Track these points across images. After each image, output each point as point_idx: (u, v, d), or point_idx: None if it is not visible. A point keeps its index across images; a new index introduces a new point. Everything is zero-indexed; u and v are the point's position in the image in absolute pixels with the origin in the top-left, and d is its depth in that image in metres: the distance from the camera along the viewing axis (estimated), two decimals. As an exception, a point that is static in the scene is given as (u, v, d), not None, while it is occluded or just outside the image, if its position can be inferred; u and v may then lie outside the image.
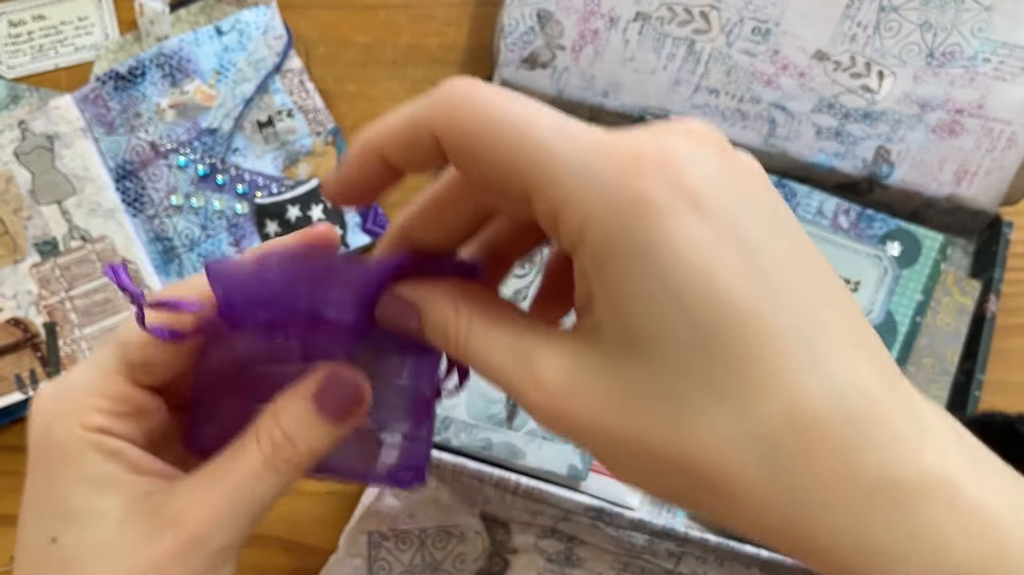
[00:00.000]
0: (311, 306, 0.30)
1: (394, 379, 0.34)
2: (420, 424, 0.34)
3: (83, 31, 0.67)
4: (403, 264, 0.30)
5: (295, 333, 0.32)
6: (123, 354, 0.32)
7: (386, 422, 0.34)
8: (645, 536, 0.54)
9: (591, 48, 0.61)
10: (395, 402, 0.34)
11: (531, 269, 0.39)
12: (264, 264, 0.30)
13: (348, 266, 0.31)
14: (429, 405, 0.34)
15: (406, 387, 0.34)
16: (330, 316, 0.30)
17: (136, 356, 0.31)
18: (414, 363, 0.33)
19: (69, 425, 0.32)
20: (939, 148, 0.59)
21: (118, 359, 0.32)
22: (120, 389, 0.32)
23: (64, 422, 0.32)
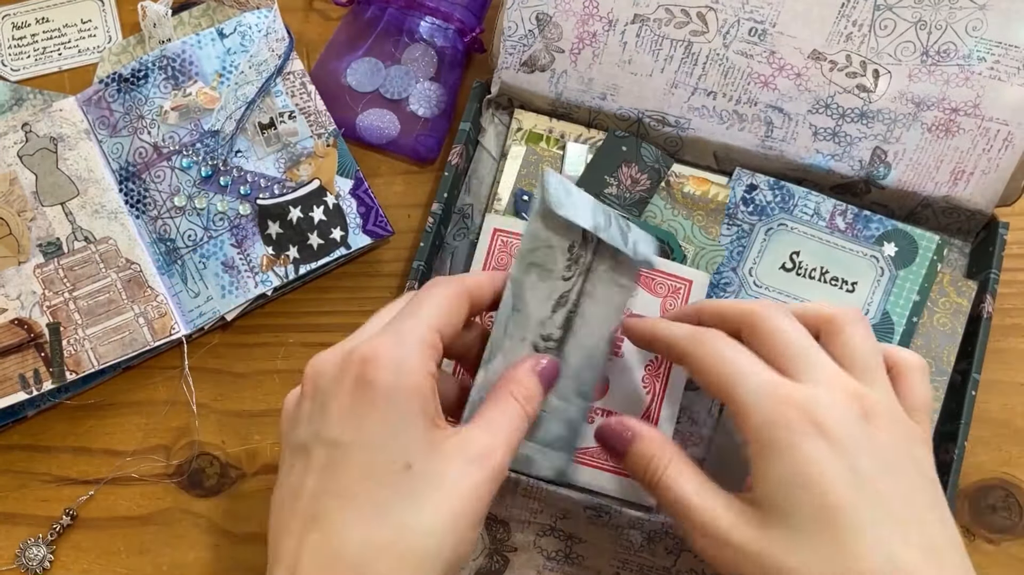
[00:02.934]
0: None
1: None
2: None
3: (86, 34, 0.68)
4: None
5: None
6: (436, 312, 0.42)
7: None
8: (643, 534, 0.54)
9: (589, 51, 0.61)
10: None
11: (576, 271, 0.46)
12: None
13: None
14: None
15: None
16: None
17: (444, 316, 0.42)
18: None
19: (419, 366, 0.40)
20: (935, 148, 0.60)
21: (435, 316, 0.42)
22: (438, 343, 0.41)
23: (415, 362, 0.40)
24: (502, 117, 0.65)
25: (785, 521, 0.39)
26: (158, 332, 0.60)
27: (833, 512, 0.39)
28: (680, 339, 0.46)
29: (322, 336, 0.62)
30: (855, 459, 0.39)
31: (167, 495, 0.60)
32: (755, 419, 0.41)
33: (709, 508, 0.42)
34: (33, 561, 0.58)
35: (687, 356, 0.45)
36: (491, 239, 0.60)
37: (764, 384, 0.41)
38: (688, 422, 0.59)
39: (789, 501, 0.39)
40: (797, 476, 0.39)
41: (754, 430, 0.41)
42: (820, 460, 0.39)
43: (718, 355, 0.43)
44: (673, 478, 0.43)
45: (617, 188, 0.62)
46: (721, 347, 0.44)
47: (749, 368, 0.42)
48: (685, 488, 0.43)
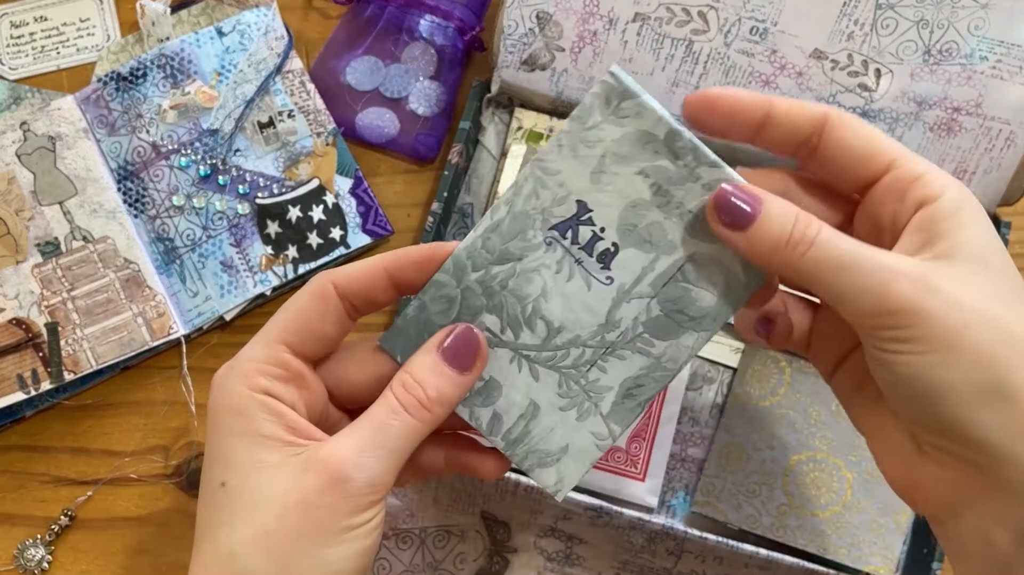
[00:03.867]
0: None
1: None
2: None
3: (85, 32, 0.68)
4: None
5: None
6: (283, 326, 0.39)
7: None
8: (644, 535, 0.54)
9: (590, 49, 0.61)
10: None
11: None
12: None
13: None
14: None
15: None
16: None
17: (292, 326, 0.39)
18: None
19: (238, 386, 0.38)
20: (937, 147, 0.60)
21: (279, 330, 0.39)
22: (280, 356, 0.39)
23: (234, 384, 0.38)
24: (502, 116, 0.65)
25: (998, 269, 0.36)
26: (156, 332, 0.60)
27: (993, 249, 0.37)
28: (820, 110, 0.39)
29: (321, 336, 0.62)
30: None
31: (165, 495, 0.59)
32: (946, 177, 0.37)
33: (898, 260, 0.36)
34: (31, 562, 0.58)
35: (828, 116, 0.38)
36: (491, 239, 0.60)
37: (936, 167, 0.38)
38: (688, 422, 0.59)
39: (995, 253, 0.37)
40: (990, 242, 0.37)
41: (950, 184, 0.37)
42: (984, 217, 0.38)
43: (863, 123, 0.39)
44: (827, 244, 0.36)
45: (618, 187, 0.62)
46: (863, 124, 0.39)
47: (907, 150, 0.39)
48: (849, 246, 0.36)
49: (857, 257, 0.35)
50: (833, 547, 0.56)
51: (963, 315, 0.34)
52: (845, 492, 0.57)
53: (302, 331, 0.39)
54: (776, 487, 0.57)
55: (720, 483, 0.57)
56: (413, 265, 0.40)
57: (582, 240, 0.40)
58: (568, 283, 0.40)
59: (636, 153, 0.39)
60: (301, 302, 0.40)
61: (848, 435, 0.57)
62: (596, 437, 0.41)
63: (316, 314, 0.39)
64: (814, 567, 0.54)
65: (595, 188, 0.39)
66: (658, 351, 0.40)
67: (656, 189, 0.39)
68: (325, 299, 0.40)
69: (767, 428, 0.57)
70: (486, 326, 0.41)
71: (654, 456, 0.57)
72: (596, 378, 0.41)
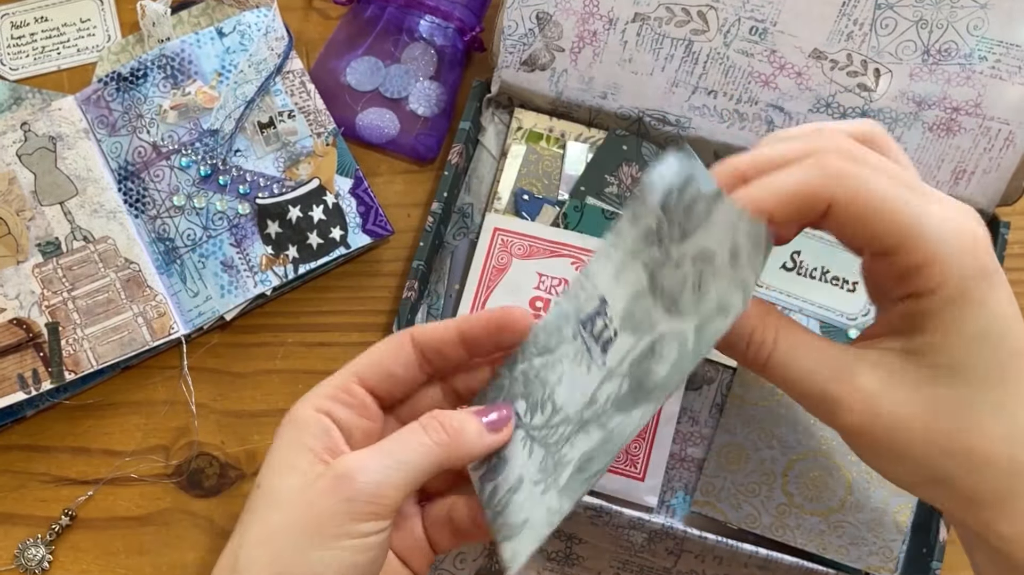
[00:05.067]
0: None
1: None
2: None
3: (85, 33, 0.68)
4: None
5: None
6: (359, 363, 0.43)
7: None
8: (644, 535, 0.54)
9: (590, 50, 0.61)
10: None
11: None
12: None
13: None
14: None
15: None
16: None
17: (365, 362, 0.43)
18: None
19: (305, 405, 0.42)
20: (936, 147, 0.60)
21: (355, 366, 0.43)
22: (348, 385, 0.42)
23: (303, 403, 0.42)
24: (502, 116, 0.65)
25: (967, 378, 0.35)
26: (157, 332, 0.60)
27: (1015, 360, 0.35)
28: (808, 183, 0.35)
29: (321, 336, 0.62)
30: (1013, 295, 0.36)
31: (166, 495, 0.59)
32: (951, 267, 0.35)
33: (848, 381, 0.36)
34: (32, 561, 0.58)
35: (836, 200, 0.35)
36: (491, 238, 0.60)
37: (947, 223, 0.35)
38: (688, 422, 0.59)
39: (976, 356, 0.35)
40: (991, 329, 0.35)
41: (950, 281, 0.35)
42: (1008, 306, 0.36)
43: (878, 189, 0.35)
44: (786, 353, 0.37)
45: (618, 187, 0.62)
46: (874, 178, 0.35)
47: (920, 203, 0.35)
48: (805, 364, 0.36)
49: (807, 385, 0.37)
50: (833, 547, 0.56)
51: (908, 435, 0.36)
52: (845, 492, 0.57)
53: (373, 366, 0.43)
54: (776, 487, 0.57)
55: (720, 483, 0.57)
56: (482, 328, 0.43)
57: (596, 331, 0.42)
58: (577, 369, 0.42)
59: (641, 248, 0.40)
60: (379, 346, 0.44)
61: (848, 435, 0.57)
62: (549, 512, 0.40)
63: (389, 355, 0.43)
64: (814, 567, 0.54)
65: (615, 284, 0.41)
66: (612, 424, 0.39)
67: (650, 276, 0.39)
68: (400, 345, 0.43)
69: (767, 428, 0.57)
70: (516, 410, 0.44)
71: (654, 456, 0.57)
72: (565, 453, 0.41)
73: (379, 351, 0.43)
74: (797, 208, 0.35)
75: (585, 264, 0.42)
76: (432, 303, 0.61)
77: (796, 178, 0.35)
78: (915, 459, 0.36)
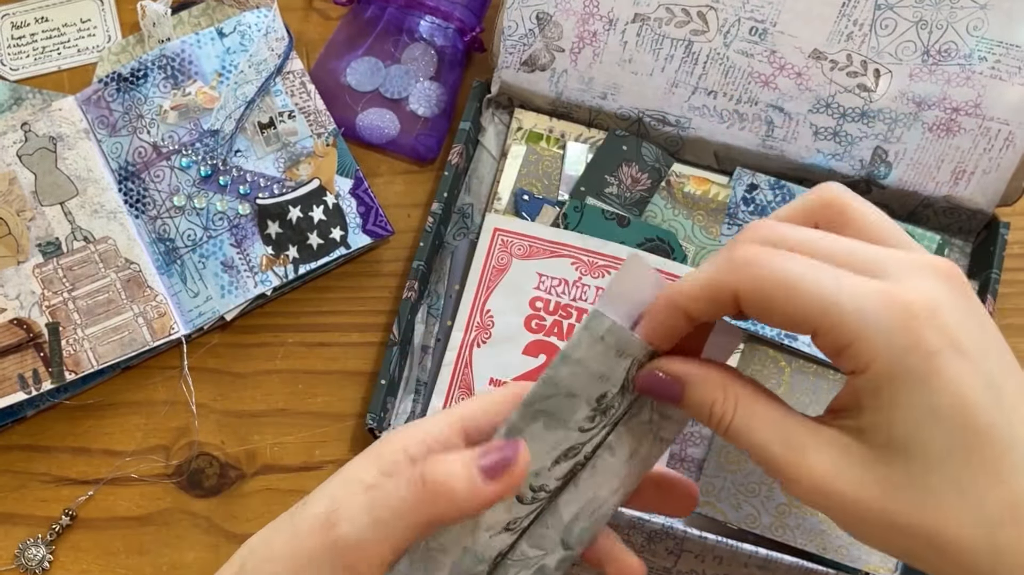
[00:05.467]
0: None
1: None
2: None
3: (86, 33, 0.68)
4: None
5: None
6: (469, 413, 0.39)
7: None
8: (644, 535, 0.54)
9: (590, 50, 0.61)
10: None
11: (600, 423, 0.38)
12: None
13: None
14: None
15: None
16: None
17: (479, 417, 0.38)
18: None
19: (395, 442, 0.37)
20: (936, 147, 0.60)
21: (463, 416, 0.38)
22: (446, 436, 0.38)
23: (396, 438, 0.38)
24: (502, 116, 0.65)
25: (919, 458, 0.33)
26: (157, 332, 0.60)
27: (979, 438, 0.33)
28: (714, 277, 0.35)
29: (322, 336, 0.62)
30: (985, 365, 0.33)
31: (166, 495, 0.59)
32: (878, 346, 0.32)
33: (799, 458, 0.34)
34: (32, 561, 0.58)
35: (740, 291, 0.34)
36: (491, 239, 0.60)
37: (871, 296, 0.33)
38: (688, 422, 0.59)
39: (927, 435, 0.33)
40: (941, 407, 0.32)
41: (879, 360, 0.33)
42: (963, 382, 0.32)
43: (782, 273, 0.34)
44: (745, 425, 0.36)
45: (617, 188, 0.62)
46: (779, 261, 0.34)
47: (835, 279, 0.33)
48: (762, 436, 0.35)
49: (761, 456, 0.36)
50: (832, 546, 0.56)
51: (865, 514, 0.34)
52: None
53: (480, 421, 0.38)
54: (775, 486, 0.57)
55: (720, 482, 0.57)
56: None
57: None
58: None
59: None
60: (492, 397, 0.39)
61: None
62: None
63: (500, 412, 0.39)
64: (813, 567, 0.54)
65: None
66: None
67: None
68: (515, 402, 0.38)
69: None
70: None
71: (654, 456, 0.57)
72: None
73: (492, 403, 0.39)
74: (707, 302, 0.35)
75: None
76: (432, 303, 0.61)
77: (705, 273, 0.35)
78: (877, 536, 0.35)
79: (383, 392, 0.57)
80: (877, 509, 0.34)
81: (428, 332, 0.61)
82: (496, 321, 0.59)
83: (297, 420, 0.61)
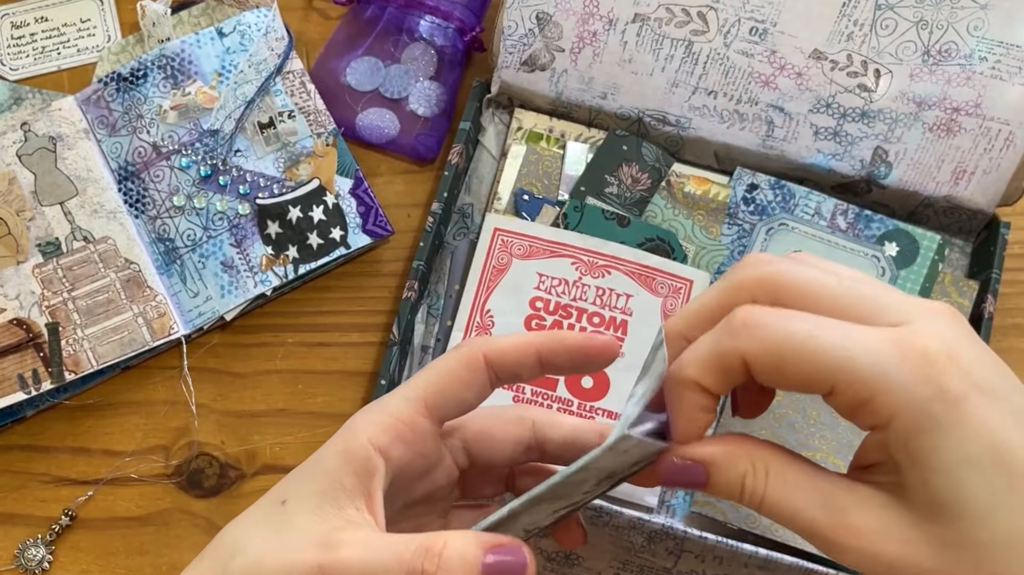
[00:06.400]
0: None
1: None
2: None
3: (85, 33, 0.68)
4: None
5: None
6: (426, 386, 0.38)
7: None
8: (644, 535, 0.54)
9: (590, 50, 0.61)
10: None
11: (598, 490, 0.38)
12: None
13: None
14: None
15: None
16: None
17: (435, 388, 0.38)
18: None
19: (360, 433, 0.37)
20: (936, 147, 0.60)
21: (422, 389, 0.38)
22: (414, 418, 0.38)
23: (361, 427, 0.37)
24: (502, 116, 0.65)
25: (966, 513, 0.32)
26: (157, 332, 0.60)
27: (1021, 480, 0.31)
28: (718, 345, 0.34)
29: (321, 336, 0.62)
30: (1010, 402, 0.32)
31: (166, 495, 0.59)
32: (900, 399, 0.31)
33: (842, 521, 0.33)
34: (32, 562, 0.58)
35: (748, 356, 0.33)
36: (491, 238, 0.60)
37: (885, 347, 0.31)
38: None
39: (968, 486, 0.31)
40: (977, 454, 0.31)
41: (902, 413, 0.31)
42: (993, 424, 0.31)
43: (788, 333, 0.32)
44: (780, 494, 0.34)
45: (617, 187, 0.62)
46: (781, 321, 0.32)
47: (843, 334, 0.32)
48: (800, 503, 0.34)
49: (801, 524, 0.34)
50: (832, 547, 0.56)
51: (916, 572, 0.32)
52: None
53: (444, 394, 0.39)
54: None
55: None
56: (566, 352, 0.39)
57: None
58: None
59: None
60: (449, 366, 0.39)
61: (848, 435, 0.57)
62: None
63: (461, 382, 0.39)
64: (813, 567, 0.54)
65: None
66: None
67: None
68: (472, 368, 0.39)
69: (767, 428, 0.57)
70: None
71: (654, 456, 0.57)
72: None
73: (450, 372, 0.39)
74: (717, 372, 0.34)
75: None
76: (432, 303, 0.61)
77: (708, 343, 0.34)
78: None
79: (383, 392, 0.57)
80: (928, 569, 0.32)
81: (428, 332, 0.61)
82: (496, 321, 0.59)
83: (297, 420, 0.61)
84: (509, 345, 0.39)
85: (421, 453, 0.39)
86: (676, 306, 0.59)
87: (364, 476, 0.36)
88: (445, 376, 0.39)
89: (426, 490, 0.42)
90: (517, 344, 0.39)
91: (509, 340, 0.39)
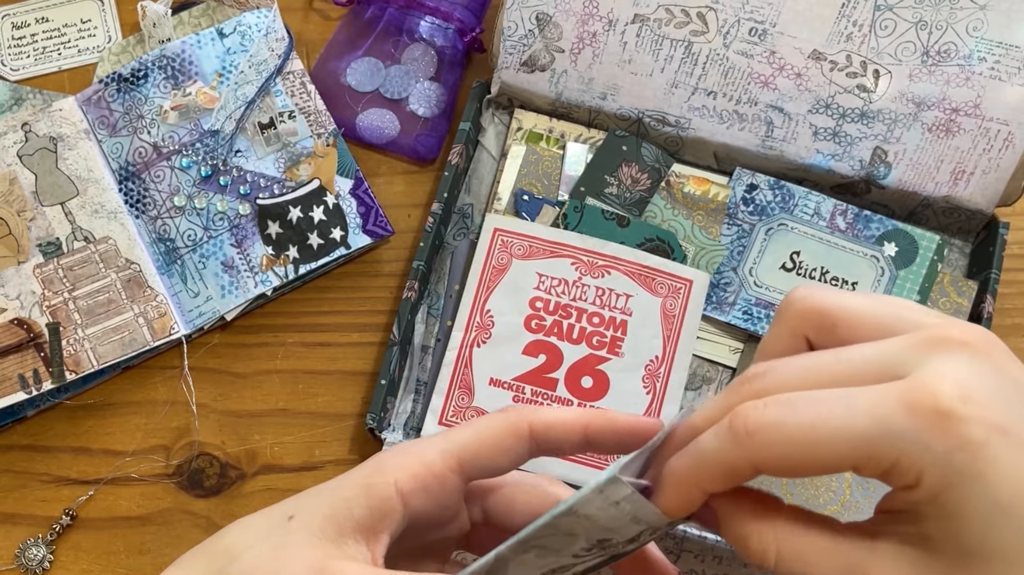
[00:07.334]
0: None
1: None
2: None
3: (86, 33, 0.68)
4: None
5: None
6: (465, 445, 0.37)
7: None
8: (643, 534, 0.54)
9: (589, 51, 0.61)
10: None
11: (595, 555, 0.37)
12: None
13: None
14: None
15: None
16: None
17: (474, 449, 0.38)
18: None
19: (387, 472, 0.37)
20: (936, 148, 0.60)
21: (459, 446, 0.37)
22: (445, 474, 0.37)
23: (389, 467, 0.37)
24: (502, 117, 0.65)
25: (998, 563, 0.31)
26: (158, 332, 0.60)
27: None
28: (727, 458, 0.32)
29: (322, 336, 0.62)
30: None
31: (167, 495, 0.60)
32: (922, 459, 0.30)
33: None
34: (33, 561, 0.58)
35: (759, 464, 0.32)
36: (491, 239, 0.60)
37: (892, 408, 0.30)
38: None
39: (998, 534, 0.30)
40: (1005, 500, 0.30)
41: (928, 471, 0.30)
42: (1018, 466, 0.30)
43: (791, 429, 0.31)
44: (794, 558, 0.33)
45: (617, 188, 0.62)
46: (781, 418, 0.31)
47: (846, 406, 0.31)
48: (817, 569, 0.33)
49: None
50: (832, 547, 0.56)
51: None
52: (844, 492, 0.57)
53: (481, 456, 0.38)
54: (775, 487, 0.57)
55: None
56: (614, 433, 0.38)
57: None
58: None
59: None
60: (494, 430, 0.38)
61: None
62: None
63: (500, 448, 0.38)
64: (813, 566, 0.54)
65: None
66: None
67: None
68: (516, 437, 0.38)
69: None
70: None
71: (653, 456, 0.57)
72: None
73: (493, 437, 0.38)
74: (728, 480, 0.33)
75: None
76: (432, 303, 0.61)
77: (714, 452, 0.33)
78: None
79: (383, 392, 0.57)
80: None
81: (428, 332, 0.61)
82: (496, 321, 0.59)
83: (297, 420, 0.61)
84: (557, 420, 0.38)
85: (442, 505, 0.38)
86: (676, 306, 0.59)
87: (378, 514, 0.36)
88: (487, 440, 0.38)
89: (436, 538, 0.41)
90: (565, 421, 0.38)
91: (558, 415, 0.38)
